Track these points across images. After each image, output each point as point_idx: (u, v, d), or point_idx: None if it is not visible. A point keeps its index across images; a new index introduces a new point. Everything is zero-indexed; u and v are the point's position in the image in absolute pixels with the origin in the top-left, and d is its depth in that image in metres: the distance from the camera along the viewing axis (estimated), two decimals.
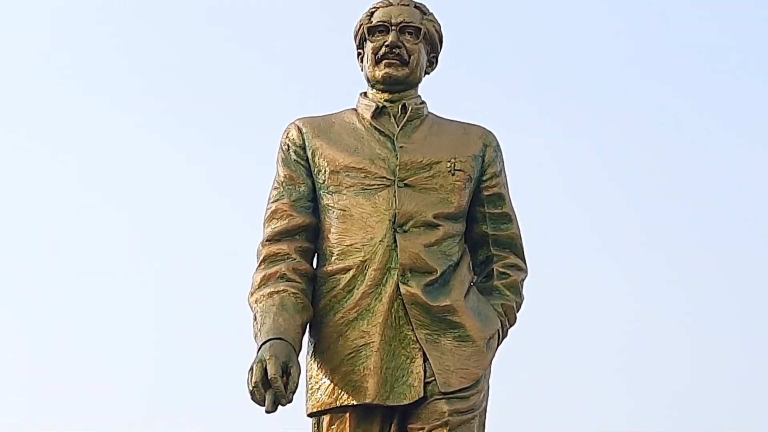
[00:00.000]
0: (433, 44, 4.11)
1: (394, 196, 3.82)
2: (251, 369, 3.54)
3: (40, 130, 10.04)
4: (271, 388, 3.50)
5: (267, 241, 3.90)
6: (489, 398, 3.89)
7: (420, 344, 3.72)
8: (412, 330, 3.75)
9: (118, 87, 10.07)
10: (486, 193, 4.01)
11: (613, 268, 9.17)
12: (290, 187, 3.95)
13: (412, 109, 4.00)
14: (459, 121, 4.10)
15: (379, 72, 4.00)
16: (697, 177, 9.75)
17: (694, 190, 9.71)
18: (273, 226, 3.91)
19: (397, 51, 3.98)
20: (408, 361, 3.71)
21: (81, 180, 9.89)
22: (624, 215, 9.45)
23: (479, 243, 4.02)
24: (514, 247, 4.04)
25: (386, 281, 3.76)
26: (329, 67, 9.17)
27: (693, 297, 8.93)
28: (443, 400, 3.69)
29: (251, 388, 3.52)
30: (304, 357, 3.81)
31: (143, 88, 10.09)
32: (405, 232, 3.80)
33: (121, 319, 9.07)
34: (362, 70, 4.12)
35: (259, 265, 3.87)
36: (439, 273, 3.79)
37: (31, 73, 10.30)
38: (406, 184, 3.85)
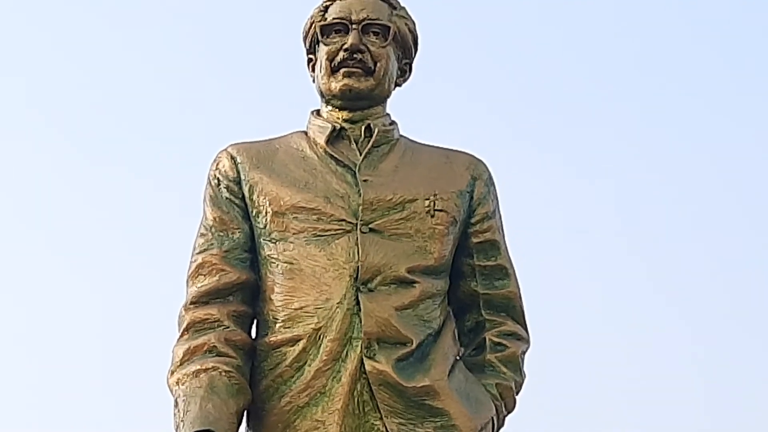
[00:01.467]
0: (406, 47, 3.62)
1: (357, 244, 3.34)
2: None
3: None
4: None
5: (191, 303, 3.42)
6: None
7: None
8: (381, 419, 3.27)
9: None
10: (476, 241, 3.53)
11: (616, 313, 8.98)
12: (221, 234, 3.47)
13: (378, 131, 3.51)
14: (440, 147, 3.63)
15: (336, 84, 3.50)
16: (706, 205, 9.60)
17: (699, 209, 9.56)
18: (199, 285, 3.43)
19: (360, 56, 3.49)
20: None
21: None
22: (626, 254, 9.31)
23: (467, 305, 3.55)
24: (512, 309, 3.57)
25: (346, 355, 3.29)
26: (271, 78, 8.57)
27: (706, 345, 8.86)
28: None
29: None
30: None
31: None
32: (371, 291, 3.32)
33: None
34: (314, 81, 3.63)
35: (182, 335, 3.39)
36: (414, 344, 3.31)
37: None
38: (371, 229, 3.37)
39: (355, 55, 3.47)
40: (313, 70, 3.60)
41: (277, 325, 3.33)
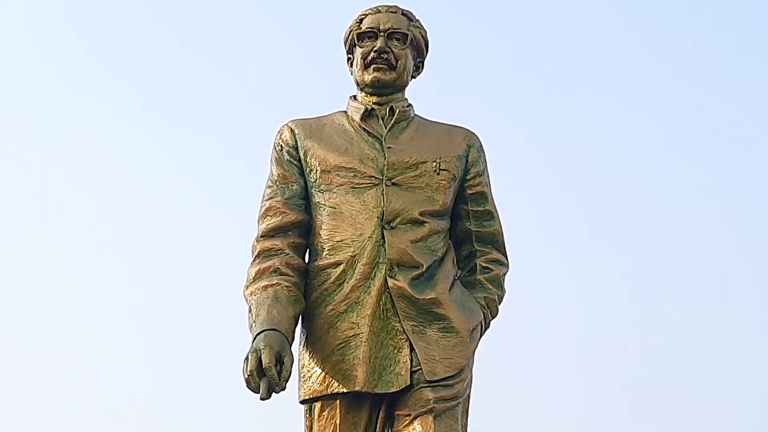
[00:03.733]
0: (420, 49, 4.15)
1: (382, 194, 3.88)
2: (246, 358, 3.59)
3: (29, 133, 10.09)
4: (266, 377, 3.56)
5: (261, 236, 3.95)
6: (472, 386, 3.94)
7: (407, 335, 3.78)
8: (399, 321, 3.80)
9: (102, 86, 10.16)
10: (469, 192, 4.06)
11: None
12: (283, 186, 3.99)
13: (399, 111, 4.05)
14: (444, 123, 4.15)
15: (368, 76, 4.05)
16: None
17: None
18: (267, 223, 3.95)
19: (385, 56, 4.03)
20: (395, 351, 3.78)
21: (69, 180, 9.98)
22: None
23: (463, 239, 4.08)
24: (496, 243, 4.09)
25: (375, 275, 3.81)
26: (320, 71, 9.30)
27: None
28: (429, 388, 3.75)
29: (246, 377, 3.58)
30: (296, 347, 3.86)
31: (123, 86, 10.22)
32: (392, 228, 3.85)
33: (114, 322, 9.11)
34: (352, 74, 4.16)
35: (254, 260, 3.91)
36: (424, 267, 3.85)
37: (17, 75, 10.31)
38: (393, 183, 3.91)
39: (382, 55, 4.01)
40: (351, 66, 4.13)
41: (324, 253, 3.86)
